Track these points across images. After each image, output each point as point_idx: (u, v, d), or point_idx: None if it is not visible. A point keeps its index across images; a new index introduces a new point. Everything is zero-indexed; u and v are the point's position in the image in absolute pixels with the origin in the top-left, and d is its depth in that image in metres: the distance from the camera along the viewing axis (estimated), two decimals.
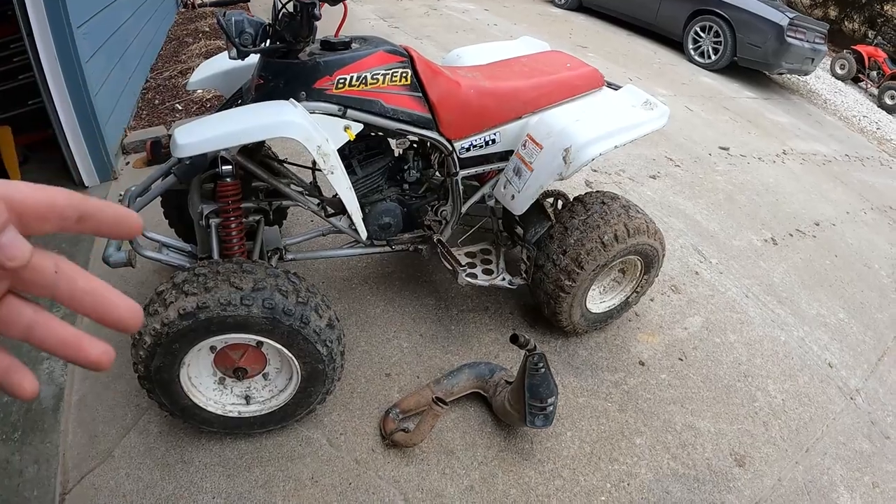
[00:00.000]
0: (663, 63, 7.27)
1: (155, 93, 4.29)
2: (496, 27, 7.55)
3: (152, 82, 4.45)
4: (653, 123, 2.13)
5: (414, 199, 2.14)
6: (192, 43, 5.20)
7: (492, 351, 2.39)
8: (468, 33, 7.03)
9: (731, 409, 2.35)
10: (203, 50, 4.93)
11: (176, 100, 4.18)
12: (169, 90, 4.33)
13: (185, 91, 4.27)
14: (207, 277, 1.58)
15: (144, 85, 4.43)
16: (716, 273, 3.18)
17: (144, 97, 4.23)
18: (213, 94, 4.19)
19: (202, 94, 4.21)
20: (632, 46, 7.80)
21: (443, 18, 7.74)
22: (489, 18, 8.02)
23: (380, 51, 1.81)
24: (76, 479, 1.87)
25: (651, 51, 7.75)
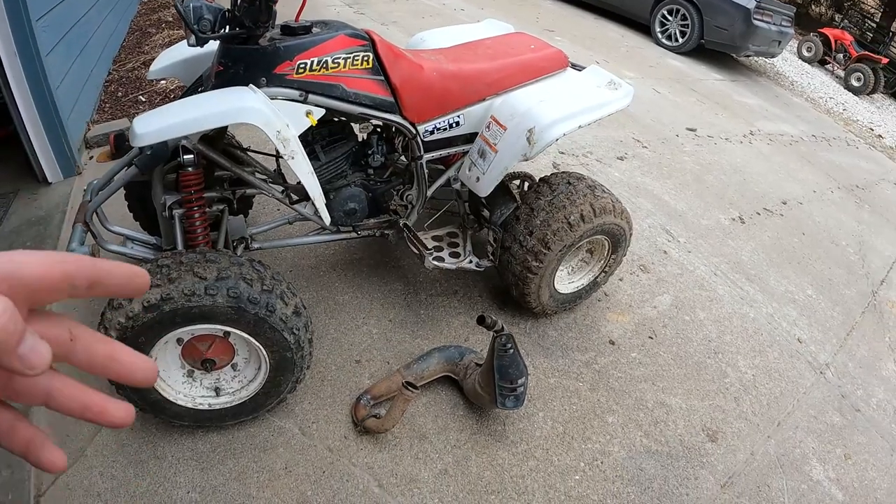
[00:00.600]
0: (631, 46, 7.31)
1: (118, 85, 4.19)
2: (463, 12, 7.51)
3: (115, 74, 4.35)
4: (617, 103, 2.14)
5: (379, 183, 2.13)
6: (156, 33, 5.09)
7: (461, 334, 2.40)
8: (435, 18, 6.98)
9: (702, 386, 2.39)
10: (167, 40, 4.83)
11: (139, 92, 4.09)
12: (132, 82, 4.23)
13: (149, 83, 4.18)
14: (171, 268, 1.56)
15: (107, 77, 4.33)
16: (684, 252, 3.22)
17: (107, 90, 4.13)
18: (177, 85, 4.11)
19: (166, 84, 4.13)
20: (600, 30, 7.83)
21: (409, 4, 7.67)
22: (456, 3, 7.96)
23: (340, 34, 1.79)
24: (50, 481, 1.84)
25: (619, 34, 7.79)
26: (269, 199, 2.99)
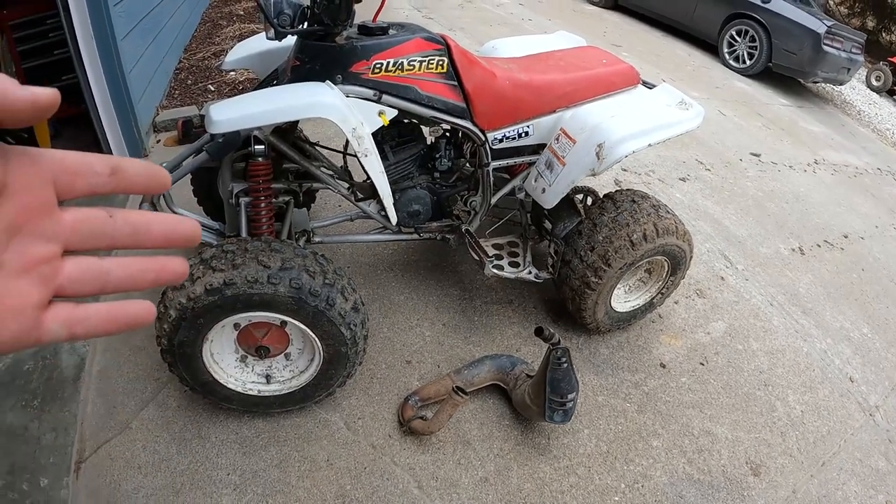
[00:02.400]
0: (697, 66, 7.17)
1: (188, 73, 4.33)
2: (530, 22, 7.49)
3: (185, 63, 4.49)
4: (687, 123, 2.10)
5: (444, 187, 2.14)
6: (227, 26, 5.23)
7: (514, 344, 2.39)
8: (502, 27, 6.99)
9: (749, 418, 2.32)
10: (237, 33, 4.96)
11: (208, 81, 4.21)
12: (202, 71, 4.36)
13: (218, 73, 4.30)
14: (235, 254, 1.59)
15: (178, 65, 4.47)
16: (741, 279, 3.14)
17: (177, 77, 4.26)
18: (246, 77, 4.22)
19: (235, 76, 4.24)
20: (666, 47, 7.71)
21: (477, 11, 7.70)
22: (523, 13, 7.95)
23: (417, 37, 1.80)
24: (93, 449, 1.90)
25: (686, 53, 7.65)
26: (331, 195, 3.03)
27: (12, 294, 0.31)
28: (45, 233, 0.33)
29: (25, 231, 0.32)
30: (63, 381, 2.08)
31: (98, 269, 0.35)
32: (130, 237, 0.36)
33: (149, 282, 0.37)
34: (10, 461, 1.82)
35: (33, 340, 0.33)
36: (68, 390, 2.05)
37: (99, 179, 0.34)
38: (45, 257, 0.33)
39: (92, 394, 2.08)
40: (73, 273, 0.34)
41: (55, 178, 0.33)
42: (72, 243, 0.34)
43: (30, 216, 0.32)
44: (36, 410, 1.98)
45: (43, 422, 1.94)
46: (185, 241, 0.38)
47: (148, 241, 0.37)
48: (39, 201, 0.32)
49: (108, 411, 2.02)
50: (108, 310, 0.36)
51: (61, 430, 1.92)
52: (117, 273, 0.36)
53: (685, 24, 8.02)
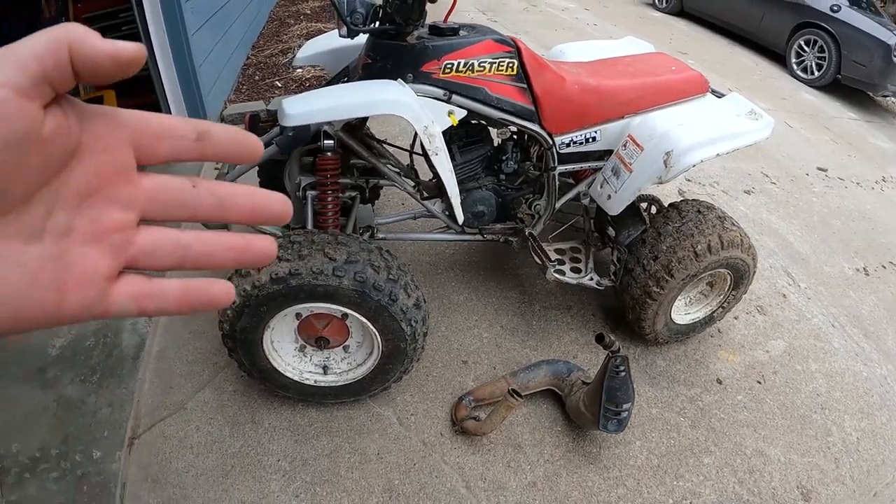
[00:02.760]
0: (764, 75, 6.95)
1: (255, 69, 4.45)
2: (595, 27, 7.43)
3: (253, 59, 4.62)
4: (756, 134, 2.05)
5: (509, 190, 2.14)
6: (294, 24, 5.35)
7: (570, 350, 2.37)
8: (567, 31, 6.94)
9: (803, 441, 2.25)
10: (304, 31, 5.06)
11: (275, 77, 4.31)
12: (269, 68, 4.47)
13: (285, 69, 4.40)
14: (302, 245, 1.63)
15: (246, 61, 4.60)
16: (804, 298, 3.03)
17: (245, 73, 4.39)
18: (313, 74, 4.30)
19: (301, 73, 4.33)
20: (733, 56, 7.51)
21: (542, 15, 7.68)
22: (589, 18, 7.88)
23: (488, 39, 1.81)
24: (147, 426, 1.97)
25: (752, 62, 7.43)
26: (394, 193, 3.07)
27: (80, 262, 0.29)
28: (121, 199, 0.30)
29: (100, 195, 0.30)
30: (122, 359, 2.16)
31: (176, 242, 0.32)
32: (214, 209, 0.33)
33: (230, 261, 0.34)
34: (64, 432, 1.90)
35: (99, 312, 0.31)
36: (127, 368, 2.13)
37: (183, 144, 0.31)
38: (119, 225, 0.30)
39: (150, 373, 2.16)
40: (149, 244, 0.32)
41: (135, 141, 0.30)
42: (149, 212, 0.32)
43: (105, 180, 0.30)
44: (94, 385, 2.05)
45: (100, 397, 2.02)
46: (274, 218, 0.35)
47: (233, 215, 0.34)
48: (117, 164, 0.30)
49: (164, 391, 2.09)
50: (184, 287, 0.33)
51: (117, 405, 1.99)
52: (197, 248, 0.33)
53: (752, 32, 7.80)
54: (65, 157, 0.28)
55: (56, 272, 0.28)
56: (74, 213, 0.29)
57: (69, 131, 0.28)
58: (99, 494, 1.75)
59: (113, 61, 0.27)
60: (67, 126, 0.27)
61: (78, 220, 0.29)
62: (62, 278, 0.29)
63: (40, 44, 0.25)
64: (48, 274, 0.28)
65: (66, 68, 0.26)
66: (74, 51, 0.26)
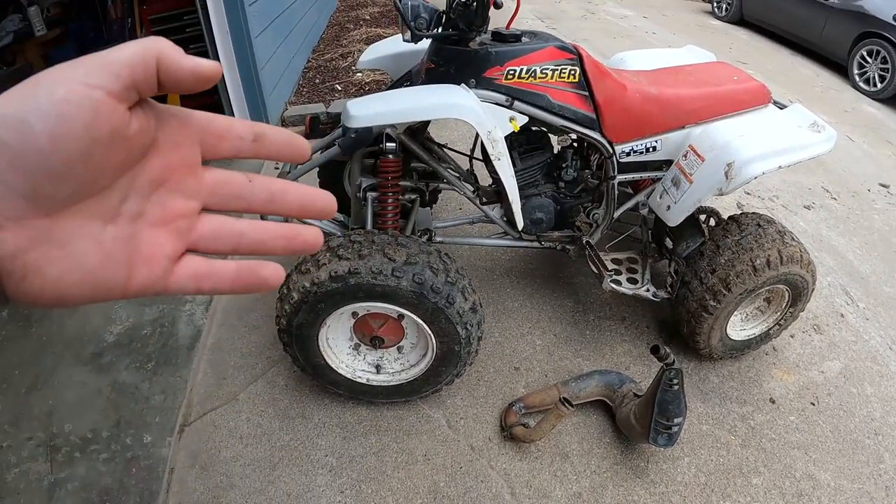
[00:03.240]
0: (825, 87, 6.75)
1: (316, 72, 4.55)
2: (654, 35, 7.35)
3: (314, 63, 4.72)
4: (819, 147, 1.99)
5: (568, 197, 2.14)
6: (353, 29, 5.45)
7: (623, 362, 2.35)
8: (625, 39, 6.91)
9: (855, 467, 2.17)
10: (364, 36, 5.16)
11: (336, 81, 4.40)
12: (329, 71, 4.56)
13: (345, 73, 4.49)
14: (363, 245, 1.66)
15: (306, 64, 4.71)
16: (862, 319, 2.93)
17: (306, 76, 4.48)
18: (372, 79, 4.37)
19: (361, 77, 4.41)
20: (793, 66, 7.32)
21: (600, 23, 7.64)
22: (647, 26, 7.81)
23: (550, 46, 1.81)
24: (198, 415, 2.02)
25: (813, 72, 7.22)
26: (452, 197, 3.10)
27: (148, 242, 0.33)
28: (187, 189, 0.34)
29: (169, 186, 0.34)
30: (178, 349, 2.24)
31: (232, 229, 0.36)
32: (266, 203, 0.37)
33: (280, 248, 0.37)
34: (117, 416, 1.98)
35: (161, 289, 0.34)
36: (182, 358, 2.20)
37: (242, 144, 0.36)
38: (184, 212, 0.34)
39: (204, 364, 2.22)
40: (208, 230, 0.36)
41: (201, 140, 0.34)
42: (211, 203, 0.36)
43: (174, 172, 0.34)
44: (149, 372, 2.13)
45: (154, 384, 2.09)
46: (319, 213, 0.39)
47: (283, 208, 0.38)
48: (185, 159, 0.34)
49: (217, 381, 2.15)
50: (238, 269, 0.36)
51: (171, 393, 2.06)
52: (251, 235, 0.36)
53: (813, 42, 7.58)
54: (143, 151, 0.32)
55: (127, 250, 0.32)
56: (146, 200, 0.33)
57: (148, 130, 0.31)
58: (147, 478, 1.81)
59: (193, 76, 0.31)
60: (147, 125, 0.31)
61: (148, 206, 0.33)
62: (132, 256, 0.32)
63: (131, 54, 0.29)
64: (120, 252, 0.32)
65: (152, 78, 0.30)
66: (161, 63, 0.30)
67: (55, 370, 2.13)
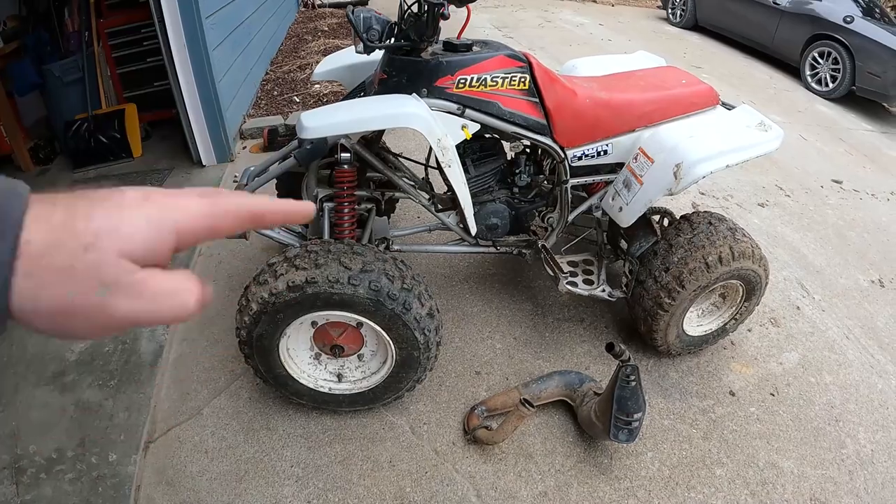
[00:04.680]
0: (779, 89, 6.94)
1: (274, 84, 4.53)
2: (610, 42, 7.48)
3: (272, 74, 4.71)
4: (766, 145, 2.06)
5: (522, 202, 2.17)
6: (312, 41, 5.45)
7: (583, 362, 2.38)
8: (582, 47, 7.02)
9: (817, 453, 2.23)
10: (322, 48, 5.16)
11: (294, 92, 4.40)
12: (287, 83, 4.56)
13: (303, 84, 4.48)
14: (319, 254, 1.66)
15: (264, 77, 4.69)
16: (818, 310, 3.02)
17: (264, 88, 4.47)
18: (330, 90, 4.38)
19: (319, 88, 4.41)
20: (747, 69, 7.51)
21: (557, 31, 7.75)
22: (603, 33, 7.95)
23: (500, 55, 1.84)
24: (163, 431, 2.00)
25: (767, 75, 7.42)
26: (409, 206, 3.11)
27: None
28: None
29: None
30: (140, 365, 2.21)
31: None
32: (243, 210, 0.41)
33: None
34: (82, 435, 1.95)
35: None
36: (145, 374, 2.17)
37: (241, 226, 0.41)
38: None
39: (167, 379, 2.20)
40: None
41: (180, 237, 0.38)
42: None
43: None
44: (112, 390, 2.10)
45: (117, 401, 2.06)
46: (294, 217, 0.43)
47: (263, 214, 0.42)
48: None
49: (181, 397, 2.13)
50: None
51: (134, 410, 2.04)
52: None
53: (766, 45, 7.79)
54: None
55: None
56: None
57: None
58: (113, 496, 1.79)
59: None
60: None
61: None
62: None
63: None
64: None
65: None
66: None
67: (18, 391, 2.09)
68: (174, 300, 0.35)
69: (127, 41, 3.98)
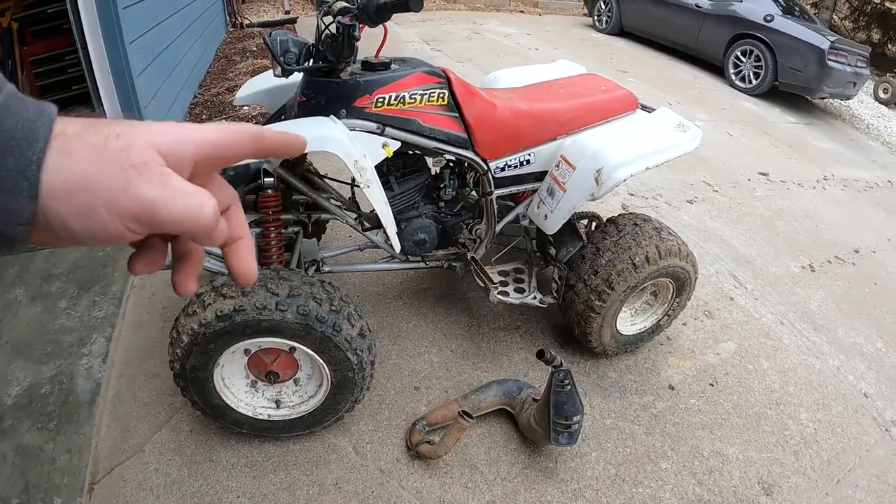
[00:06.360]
0: (704, 88, 7.22)
1: (202, 108, 4.45)
2: (538, 51, 7.62)
3: (200, 98, 4.62)
4: (685, 146, 2.13)
5: (449, 216, 2.18)
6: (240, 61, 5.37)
7: (521, 369, 2.41)
8: (510, 57, 7.12)
9: (761, 437, 2.31)
10: (250, 68, 5.09)
11: (223, 116, 4.32)
12: (216, 106, 4.48)
13: (232, 108, 4.41)
14: None
15: (192, 100, 4.59)
16: (751, 299, 3.13)
17: (192, 112, 4.38)
18: (259, 112, 4.32)
19: (248, 111, 4.35)
20: (673, 71, 7.78)
21: (485, 42, 7.85)
22: (531, 43, 8.09)
23: (418, 72, 1.86)
24: (106, 471, 1.93)
25: (692, 75, 7.71)
26: (342, 226, 3.09)
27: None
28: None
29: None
30: (78, 405, 2.13)
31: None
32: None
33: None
34: (25, 481, 1.87)
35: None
36: (83, 414, 2.10)
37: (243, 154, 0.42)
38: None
39: (106, 417, 2.12)
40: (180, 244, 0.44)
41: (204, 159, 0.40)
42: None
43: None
44: (51, 433, 2.02)
45: (58, 443, 1.99)
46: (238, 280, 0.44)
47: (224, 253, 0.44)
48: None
49: (121, 434, 2.06)
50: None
51: (76, 451, 1.96)
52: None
53: (690, 46, 8.10)
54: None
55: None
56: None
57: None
58: None
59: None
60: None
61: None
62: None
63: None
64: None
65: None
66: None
67: None
68: (194, 200, 0.36)
69: (51, 69, 3.88)
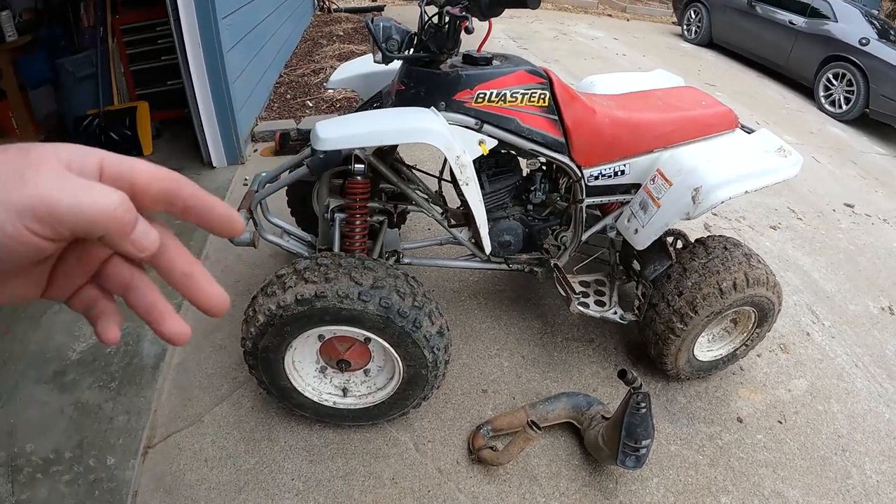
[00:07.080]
0: (792, 109, 6.92)
1: (287, 88, 4.52)
2: (624, 57, 7.47)
3: (285, 78, 4.69)
4: (785, 171, 2.03)
5: (536, 220, 2.15)
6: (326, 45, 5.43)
7: (591, 384, 2.35)
8: (596, 61, 7.01)
9: (823, 483, 2.20)
10: (336, 52, 5.14)
11: (307, 97, 4.38)
12: (301, 87, 4.54)
13: (317, 89, 4.47)
14: (329, 268, 1.64)
15: (278, 80, 4.68)
16: (828, 337, 2.98)
17: (277, 91, 4.45)
18: (343, 95, 4.36)
19: (333, 93, 4.39)
20: (761, 89, 7.49)
21: (571, 44, 7.74)
22: (618, 48, 7.93)
23: (521, 70, 1.82)
24: (162, 436, 1.98)
25: (780, 95, 7.40)
26: (421, 218, 3.09)
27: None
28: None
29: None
30: (142, 369, 2.18)
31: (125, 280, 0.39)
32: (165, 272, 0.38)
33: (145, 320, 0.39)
34: (80, 437, 1.93)
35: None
36: (146, 377, 2.15)
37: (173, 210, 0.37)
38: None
39: (168, 384, 2.17)
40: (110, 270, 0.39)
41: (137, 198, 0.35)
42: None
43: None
44: (112, 392, 2.08)
45: (117, 404, 2.04)
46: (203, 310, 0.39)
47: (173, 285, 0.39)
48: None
49: (182, 403, 2.10)
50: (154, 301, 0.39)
51: (134, 413, 2.01)
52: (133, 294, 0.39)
53: (780, 65, 7.78)
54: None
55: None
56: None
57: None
58: (110, 501, 1.76)
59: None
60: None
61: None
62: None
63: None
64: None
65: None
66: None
67: (17, 388, 2.07)
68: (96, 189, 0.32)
69: (141, 38, 3.98)
